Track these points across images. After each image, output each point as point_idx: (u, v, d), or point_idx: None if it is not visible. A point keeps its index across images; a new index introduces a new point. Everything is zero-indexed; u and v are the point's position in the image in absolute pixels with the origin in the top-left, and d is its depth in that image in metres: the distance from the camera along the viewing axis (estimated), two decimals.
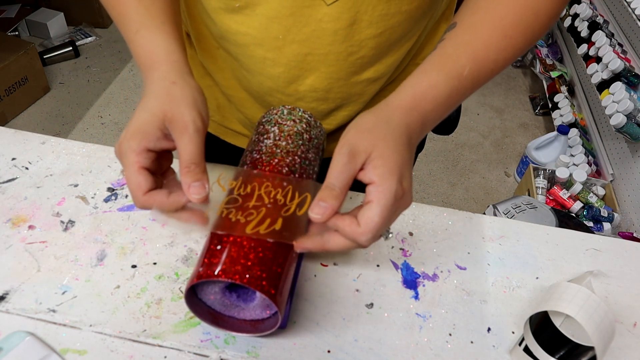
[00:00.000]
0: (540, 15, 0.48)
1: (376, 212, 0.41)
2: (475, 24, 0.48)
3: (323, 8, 0.51)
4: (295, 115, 0.54)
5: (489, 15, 0.48)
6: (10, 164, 0.64)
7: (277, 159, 0.49)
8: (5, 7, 2.59)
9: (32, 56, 2.11)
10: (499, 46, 0.48)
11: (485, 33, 0.47)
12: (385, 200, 0.41)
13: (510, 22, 0.48)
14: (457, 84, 0.46)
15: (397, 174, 0.41)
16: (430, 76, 0.46)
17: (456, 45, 0.47)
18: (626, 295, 0.58)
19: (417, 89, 0.45)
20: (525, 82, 2.63)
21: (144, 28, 0.48)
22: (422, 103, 0.45)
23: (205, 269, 0.42)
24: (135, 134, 0.43)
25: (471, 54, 0.47)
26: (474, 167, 2.11)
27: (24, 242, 0.55)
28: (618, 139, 1.86)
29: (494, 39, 0.47)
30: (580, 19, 2.02)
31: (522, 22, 0.48)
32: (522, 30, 0.48)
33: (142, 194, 0.42)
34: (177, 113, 0.43)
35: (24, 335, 0.46)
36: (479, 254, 0.60)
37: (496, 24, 0.47)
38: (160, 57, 0.47)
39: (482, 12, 0.48)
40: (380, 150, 0.42)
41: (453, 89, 0.46)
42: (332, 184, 0.41)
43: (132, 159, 0.42)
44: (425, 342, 0.51)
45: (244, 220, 0.43)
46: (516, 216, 1.43)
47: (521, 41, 0.49)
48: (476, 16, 0.48)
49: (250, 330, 0.46)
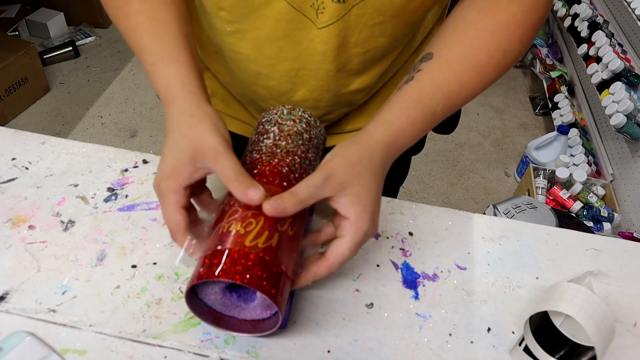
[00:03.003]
0: (509, 54, 0.52)
1: (347, 247, 0.46)
2: (450, 60, 0.51)
3: (314, 30, 0.54)
4: (295, 115, 0.54)
5: (463, 53, 0.51)
6: (10, 164, 0.64)
7: (277, 158, 0.49)
8: (5, 7, 2.59)
9: (32, 56, 2.11)
10: (471, 82, 0.51)
11: (460, 70, 0.51)
12: (357, 238, 0.46)
13: (482, 60, 0.51)
14: (431, 120, 0.50)
15: (370, 212, 0.46)
16: (408, 113, 0.49)
17: (433, 82, 0.50)
18: (626, 295, 0.58)
19: (396, 125, 0.49)
20: (525, 82, 2.63)
21: (159, 60, 0.50)
22: (400, 139, 0.49)
23: (206, 269, 0.42)
24: (171, 174, 0.46)
25: (446, 92, 0.50)
26: (474, 167, 2.11)
27: (24, 242, 0.55)
28: (618, 139, 1.86)
29: (467, 76, 0.51)
30: (580, 19, 2.02)
31: (493, 60, 0.51)
32: (492, 67, 0.51)
33: (181, 233, 0.46)
34: (204, 144, 0.45)
35: (24, 335, 0.46)
36: (479, 254, 0.60)
37: (470, 62, 0.51)
38: (176, 91, 0.49)
39: (457, 49, 0.51)
40: (358, 188, 0.46)
41: (427, 124, 0.51)
42: (297, 193, 0.44)
43: (172, 199, 0.46)
44: (425, 342, 0.51)
45: (243, 231, 0.43)
46: (516, 216, 1.43)
47: (491, 77, 0.52)
48: (452, 53, 0.51)
49: (250, 330, 0.46)
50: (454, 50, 0.51)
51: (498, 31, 0.51)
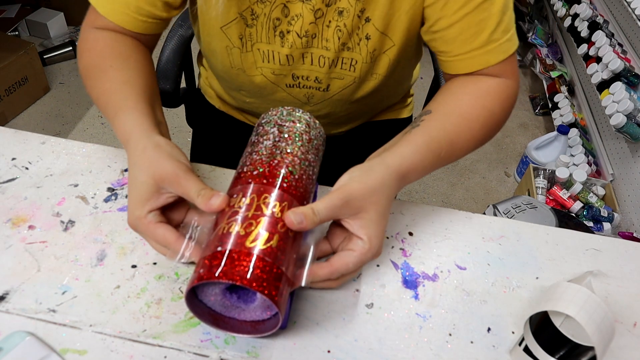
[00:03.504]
0: (494, 114, 0.63)
1: (353, 261, 0.48)
2: (447, 114, 0.61)
3: (307, 107, 0.77)
4: (295, 116, 0.54)
5: (457, 108, 0.62)
6: (10, 164, 0.64)
7: (276, 160, 0.49)
8: (5, 7, 2.59)
9: (32, 56, 2.11)
10: (465, 134, 0.61)
11: (455, 122, 0.60)
12: (365, 257, 0.49)
13: (471, 115, 0.61)
14: (436, 162, 0.58)
15: (381, 237, 0.50)
16: (420, 151, 0.57)
17: (437, 128, 0.59)
18: (626, 295, 0.58)
19: (410, 160, 0.55)
20: (525, 82, 2.63)
21: (119, 111, 0.56)
22: (411, 174, 0.56)
23: (206, 271, 0.42)
24: (136, 203, 0.49)
25: (448, 139, 0.59)
26: (474, 167, 2.11)
27: (24, 242, 0.55)
28: (618, 139, 1.86)
29: (462, 127, 0.60)
30: (580, 19, 2.02)
31: (481, 117, 0.62)
32: (480, 124, 0.62)
33: (173, 241, 0.49)
34: (163, 171, 0.49)
35: (24, 335, 0.46)
36: (479, 254, 0.60)
37: (463, 116, 0.61)
38: (130, 130, 0.54)
39: (451, 106, 0.62)
40: (373, 214, 0.49)
41: (431, 166, 0.58)
42: (318, 212, 0.47)
43: (144, 224, 0.49)
44: (425, 342, 0.51)
45: (243, 232, 0.43)
46: (516, 216, 1.43)
47: (481, 133, 0.62)
48: (447, 108, 0.62)
49: (250, 331, 0.46)
50: (448, 107, 0.62)
51: (481, 94, 0.63)
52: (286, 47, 0.69)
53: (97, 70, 0.62)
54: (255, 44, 0.70)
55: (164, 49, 0.95)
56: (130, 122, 0.55)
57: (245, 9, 0.66)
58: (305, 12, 0.65)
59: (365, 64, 0.70)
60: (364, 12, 0.65)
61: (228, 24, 0.68)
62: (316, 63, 0.70)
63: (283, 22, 0.67)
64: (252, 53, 0.71)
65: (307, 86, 0.74)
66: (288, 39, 0.68)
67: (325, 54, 0.69)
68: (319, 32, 0.67)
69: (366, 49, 0.69)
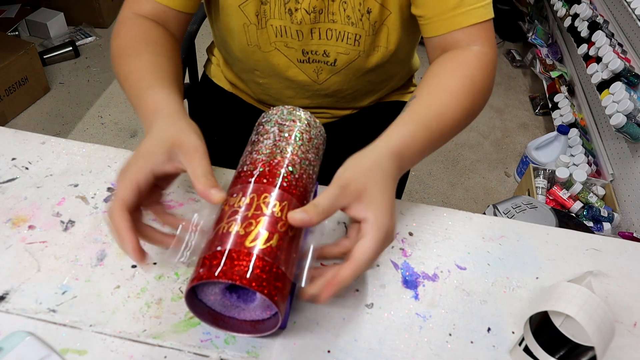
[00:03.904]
0: (476, 83, 0.64)
1: (370, 244, 0.46)
2: (431, 92, 0.63)
3: (316, 85, 0.82)
4: (295, 116, 0.54)
5: (439, 85, 0.64)
6: (10, 164, 0.64)
7: (276, 159, 0.49)
8: (5, 7, 2.59)
9: (32, 56, 2.11)
10: (451, 105, 0.61)
11: (439, 96, 0.62)
12: (379, 234, 0.46)
13: (455, 87, 0.63)
14: (429, 136, 0.58)
15: (388, 210, 0.48)
16: (409, 127, 0.57)
17: (422, 105, 0.61)
18: (626, 295, 0.58)
19: (401, 137, 0.56)
20: (525, 82, 2.63)
21: (154, 86, 0.58)
22: (405, 151, 0.55)
23: (206, 270, 0.42)
24: (145, 154, 0.48)
25: (435, 111, 0.60)
26: (474, 167, 2.11)
27: (24, 242, 0.55)
28: (618, 139, 1.86)
29: (447, 99, 0.62)
30: (580, 19, 2.02)
31: (465, 88, 0.63)
32: (465, 94, 0.63)
33: (124, 209, 0.46)
34: (186, 139, 0.49)
35: (24, 335, 0.46)
36: (479, 254, 0.60)
37: (446, 90, 0.63)
38: (166, 103, 0.55)
39: (434, 84, 0.64)
40: (373, 192, 0.48)
41: (426, 141, 0.58)
42: (318, 203, 0.46)
43: (134, 173, 0.47)
44: (425, 342, 0.51)
45: (243, 232, 0.43)
46: (516, 216, 1.43)
47: (466, 102, 0.63)
48: (430, 87, 0.64)
49: (250, 330, 0.46)
50: (431, 86, 0.64)
51: (459, 66, 0.65)
52: (295, 23, 0.73)
53: (131, 51, 0.63)
54: (269, 20, 0.74)
55: None
56: (164, 97, 0.56)
57: None
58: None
59: (369, 37, 0.75)
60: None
61: (245, 1, 0.72)
62: (324, 37, 0.75)
63: (291, 1, 0.71)
64: (267, 29, 0.75)
65: (316, 60, 0.78)
66: (297, 16, 0.72)
67: (332, 26, 0.74)
68: (325, 7, 0.72)
69: (368, 22, 0.74)
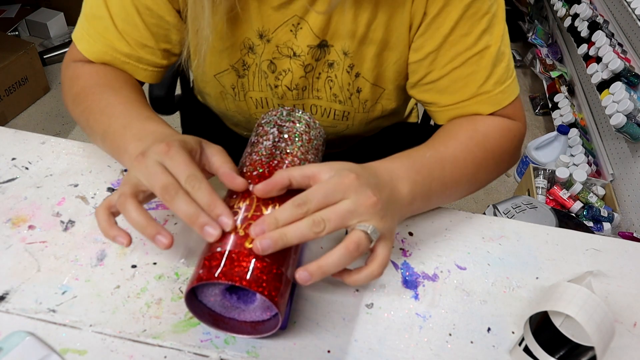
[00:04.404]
0: (490, 139, 0.61)
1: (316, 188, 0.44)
2: (434, 138, 0.61)
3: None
4: (295, 117, 0.54)
5: (447, 134, 0.61)
6: (10, 164, 0.64)
7: (276, 160, 0.49)
8: (5, 7, 2.59)
9: (32, 56, 2.11)
10: (460, 153, 0.59)
11: (447, 143, 0.59)
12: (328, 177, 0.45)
13: (463, 136, 0.60)
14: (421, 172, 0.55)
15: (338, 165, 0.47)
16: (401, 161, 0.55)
17: (427, 147, 0.59)
18: (626, 295, 0.58)
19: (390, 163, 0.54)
20: (525, 82, 2.63)
21: (134, 120, 0.54)
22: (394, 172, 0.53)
23: (206, 271, 0.42)
24: (181, 142, 0.46)
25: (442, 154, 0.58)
26: None
27: (24, 242, 0.55)
28: (618, 139, 1.86)
29: (455, 145, 0.59)
30: (580, 19, 2.02)
31: (475, 139, 0.60)
32: (476, 144, 0.60)
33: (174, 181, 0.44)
34: (207, 142, 0.49)
35: (24, 335, 0.46)
36: (479, 254, 0.60)
37: (454, 138, 0.60)
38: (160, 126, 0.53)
39: (441, 133, 0.62)
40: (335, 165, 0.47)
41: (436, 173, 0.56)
42: (284, 171, 0.46)
43: (182, 153, 0.45)
44: (425, 342, 0.51)
45: (242, 233, 0.43)
46: (516, 216, 1.43)
47: (478, 152, 0.60)
48: (437, 135, 0.62)
49: (250, 331, 0.46)
50: (438, 134, 0.62)
51: (476, 123, 0.62)
52: (276, 98, 0.70)
53: (95, 90, 0.59)
54: (248, 93, 0.70)
55: None
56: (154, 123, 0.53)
57: (236, 61, 0.67)
58: (294, 67, 0.66)
59: (359, 114, 0.72)
60: (353, 67, 0.66)
61: (220, 73, 0.69)
62: (308, 111, 0.71)
63: (270, 77, 0.68)
64: (246, 102, 0.71)
65: None
66: (278, 92, 0.69)
67: (318, 102, 0.70)
68: (309, 85, 0.68)
69: (358, 101, 0.69)
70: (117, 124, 0.54)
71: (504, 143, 0.63)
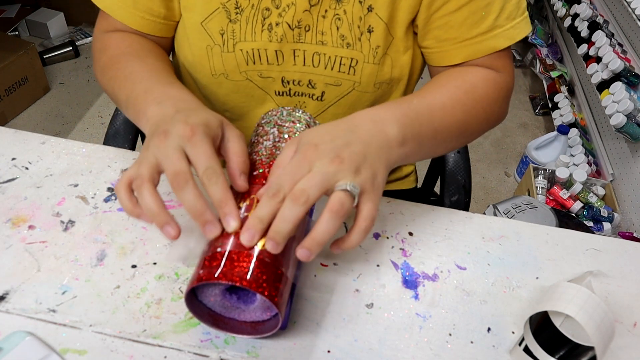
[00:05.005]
0: (478, 89, 0.61)
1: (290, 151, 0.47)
2: (424, 88, 0.60)
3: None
4: (295, 117, 0.54)
5: (436, 84, 0.61)
6: (10, 164, 0.64)
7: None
8: (5, 7, 2.59)
9: (32, 56, 2.11)
10: (448, 101, 0.58)
11: (435, 91, 0.59)
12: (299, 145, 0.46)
13: (452, 85, 0.60)
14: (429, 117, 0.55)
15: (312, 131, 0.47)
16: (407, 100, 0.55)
17: (416, 95, 0.58)
18: (626, 295, 0.58)
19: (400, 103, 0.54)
20: (525, 82, 2.63)
21: (173, 82, 0.56)
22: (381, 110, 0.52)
23: (206, 272, 0.42)
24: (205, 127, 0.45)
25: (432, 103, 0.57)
26: (474, 167, 2.11)
27: (24, 242, 0.55)
28: (618, 139, 1.86)
29: (444, 92, 0.59)
30: (580, 19, 2.02)
31: (465, 88, 0.61)
32: (465, 92, 0.60)
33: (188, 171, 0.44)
34: (232, 125, 0.49)
35: (24, 335, 0.46)
36: (479, 254, 0.60)
37: (442, 86, 0.60)
38: (194, 98, 0.53)
39: (430, 84, 0.61)
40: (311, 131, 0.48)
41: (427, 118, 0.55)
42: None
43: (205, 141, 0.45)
44: (425, 342, 0.51)
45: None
46: (516, 216, 1.43)
47: (466, 100, 0.60)
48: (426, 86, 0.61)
49: (250, 332, 0.46)
50: (427, 85, 0.61)
51: (464, 74, 0.62)
52: (274, 41, 0.62)
53: (121, 59, 0.60)
54: (238, 44, 0.63)
55: None
56: (175, 89, 0.53)
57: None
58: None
59: (367, 65, 0.64)
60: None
61: (209, 16, 0.62)
62: (309, 62, 0.63)
63: (273, 14, 0.61)
64: (235, 54, 0.64)
65: (299, 93, 0.67)
66: (277, 32, 0.61)
67: (321, 49, 0.63)
68: (313, 24, 0.61)
69: (368, 44, 0.62)
70: (139, 89, 0.54)
71: (492, 93, 0.63)
